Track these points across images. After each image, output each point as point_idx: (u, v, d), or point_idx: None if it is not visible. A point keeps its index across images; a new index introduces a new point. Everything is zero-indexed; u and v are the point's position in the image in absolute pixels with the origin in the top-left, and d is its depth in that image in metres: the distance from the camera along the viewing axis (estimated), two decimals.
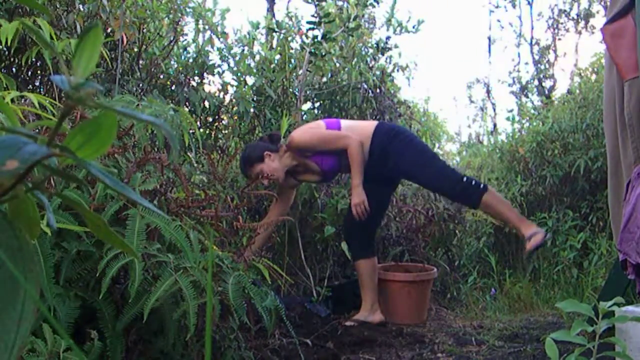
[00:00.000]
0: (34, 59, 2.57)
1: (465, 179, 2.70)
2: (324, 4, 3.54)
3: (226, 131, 3.75)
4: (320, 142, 2.78)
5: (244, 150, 2.99)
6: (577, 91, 5.01)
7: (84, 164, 0.36)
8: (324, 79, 4.00)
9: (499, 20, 10.83)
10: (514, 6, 9.58)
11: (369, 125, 2.89)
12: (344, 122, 2.90)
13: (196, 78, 3.56)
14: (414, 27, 4.36)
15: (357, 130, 2.83)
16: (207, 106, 3.59)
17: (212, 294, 1.55)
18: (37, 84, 2.89)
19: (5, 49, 2.54)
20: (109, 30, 2.90)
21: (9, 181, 0.36)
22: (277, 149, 2.87)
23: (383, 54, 4.24)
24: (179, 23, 3.63)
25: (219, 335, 1.77)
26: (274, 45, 3.89)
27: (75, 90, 0.37)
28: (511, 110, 8.30)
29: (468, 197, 2.71)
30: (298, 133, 2.84)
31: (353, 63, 3.96)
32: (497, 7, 9.71)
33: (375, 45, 4.20)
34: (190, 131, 2.78)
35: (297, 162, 2.86)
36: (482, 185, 2.69)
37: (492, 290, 3.95)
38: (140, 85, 3.22)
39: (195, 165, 2.97)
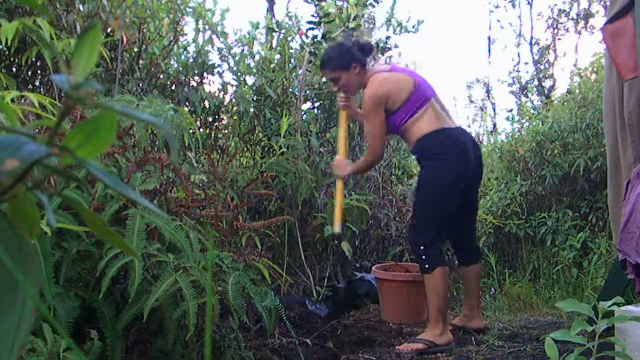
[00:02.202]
0: (34, 59, 2.57)
1: (434, 245, 2.48)
2: (324, 4, 3.54)
3: (226, 131, 3.75)
4: (366, 111, 2.56)
5: (335, 46, 2.73)
6: (577, 91, 5.01)
7: (84, 164, 0.36)
8: (324, 79, 4.00)
9: (499, 21, 10.83)
10: (514, 6, 9.58)
11: (441, 122, 2.54)
12: (437, 102, 2.61)
13: (196, 78, 3.56)
14: (414, 27, 4.36)
15: (437, 114, 2.55)
16: (207, 106, 3.59)
17: (212, 294, 1.55)
18: (37, 84, 2.89)
19: (5, 49, 2.54)
20: (109, 30, 2.91)
21: (9, 181, 0.36)
22: (365, 64, 2.64)
23: (383, 54, 4.24)
24: (179, 23, 3.63)
25: (219, 335, 1.77)
26: (274, 45, 3.89)
27: (75, 90, 0.37)
28: (511, 110, 8.32)
29: (421, 261, 2.49)
30: (377, 84, 2.55)
31: None
32: (497, 7, 9.71)
33: (375, 45, 4.20)
34: (191, 131, 2.78)
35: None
36: (438, 264, 2.44)
37: (492, 290, 3.95)
38: (141, 85, 3.22)
39: (195, 165, 2.97)
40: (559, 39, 9.29)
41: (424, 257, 2.47)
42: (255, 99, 3.64)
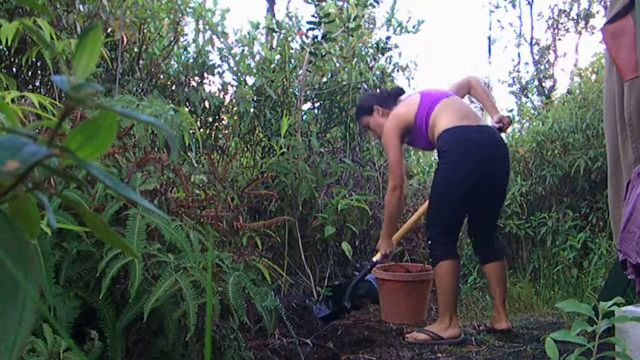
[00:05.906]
0: (34, 59, 2.56)
1: (441, 240, 2.55)
2: (324, 4, 3.54)
3: (226, 131, 3.75)
4: (384, 142, 2.75)
5: (360, 96, 3.20)
6: (577, 91, 5.01)
7: (84, 164, 0.36)
8: (324, 79, 4.00)
9: (499, 20, 10.84)
10: (514, 6, 9.59)
11: (457, 119, 2.57)
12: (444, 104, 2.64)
13: (196, 78, 3.56)
14: (414, 27, 4.36)
15: (454, 112, 2.60)
16: (207, 106, 3.59)
17: (212, 294, 1.55)
18: (37, 84, 2.89)
19: (5, 49, 2.54)
20: (109, 30, 2.90)
21: (9, 181, 0.36)
22: (390, 106, 2.80)
23: (383, 54, 4.24)
24: (179, 23, 3.63)
25: (219, 335, 1.77)
26: (274, 45, 3.89)
27: (76, 90, 0.37)
28: (511, 110, 8.32)
29: (430, 254, 2.66)
30: (390, 119, 2.72)
31: (353, 63, 3.96)
32: (497, 7, 9.72)
33: (375, 45, 4.20)
34: (190, 131, 2.78)
35: None
36: (441, 259, 2.53)
37: None
38: (141, 85, 3.22)
39: (195, 165, 2.97)
40: (559, 39, 9.29)
41: (430, 251, 2.64)
42: (255, 99, 3.64)
